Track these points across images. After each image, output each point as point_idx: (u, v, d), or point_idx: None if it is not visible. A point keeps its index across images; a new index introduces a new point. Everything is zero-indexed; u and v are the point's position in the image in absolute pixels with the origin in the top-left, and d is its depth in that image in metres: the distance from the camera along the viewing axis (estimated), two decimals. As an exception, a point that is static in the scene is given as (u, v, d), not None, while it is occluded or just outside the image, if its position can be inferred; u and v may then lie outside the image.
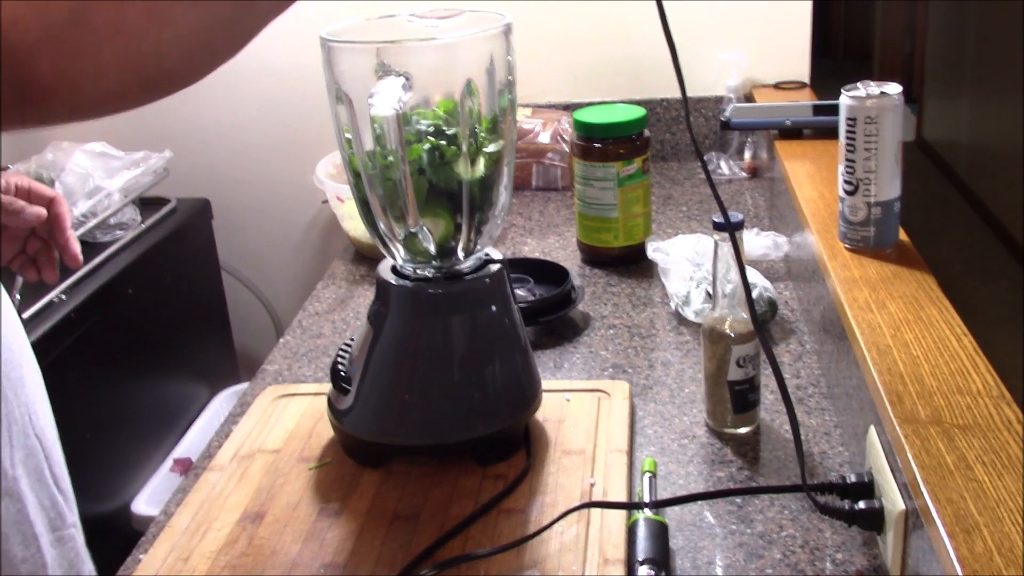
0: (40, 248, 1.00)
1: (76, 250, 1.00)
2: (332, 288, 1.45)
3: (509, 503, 0.90)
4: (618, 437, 0.98)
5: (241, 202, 2.05)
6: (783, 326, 1.22)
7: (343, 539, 0.87)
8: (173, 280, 1.84)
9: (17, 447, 0.88)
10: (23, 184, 0.97)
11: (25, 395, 0.91)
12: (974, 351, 0.84)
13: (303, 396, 1.10)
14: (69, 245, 1.00)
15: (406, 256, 0.94)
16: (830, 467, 0.94)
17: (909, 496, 0.72)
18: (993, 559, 0.60)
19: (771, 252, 1.36)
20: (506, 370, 0.95)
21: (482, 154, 0.90)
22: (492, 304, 0.94)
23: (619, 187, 1.38)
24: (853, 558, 0.82)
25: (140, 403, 1.71)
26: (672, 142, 1.89)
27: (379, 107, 0.79)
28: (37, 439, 0.91)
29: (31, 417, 0.92)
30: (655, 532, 0.83)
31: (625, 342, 1.21)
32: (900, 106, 1.00)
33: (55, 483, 0.93)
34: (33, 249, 1.00)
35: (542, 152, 1.77)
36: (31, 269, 1.00)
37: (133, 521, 1.60)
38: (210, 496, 0.94)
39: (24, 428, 0.90)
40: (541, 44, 1.87)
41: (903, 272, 1.00)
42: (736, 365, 0.97)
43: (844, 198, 1.04)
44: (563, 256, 1.48)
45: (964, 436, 0.73)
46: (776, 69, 1.85)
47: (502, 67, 0.89)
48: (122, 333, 1.65)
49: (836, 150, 1.05)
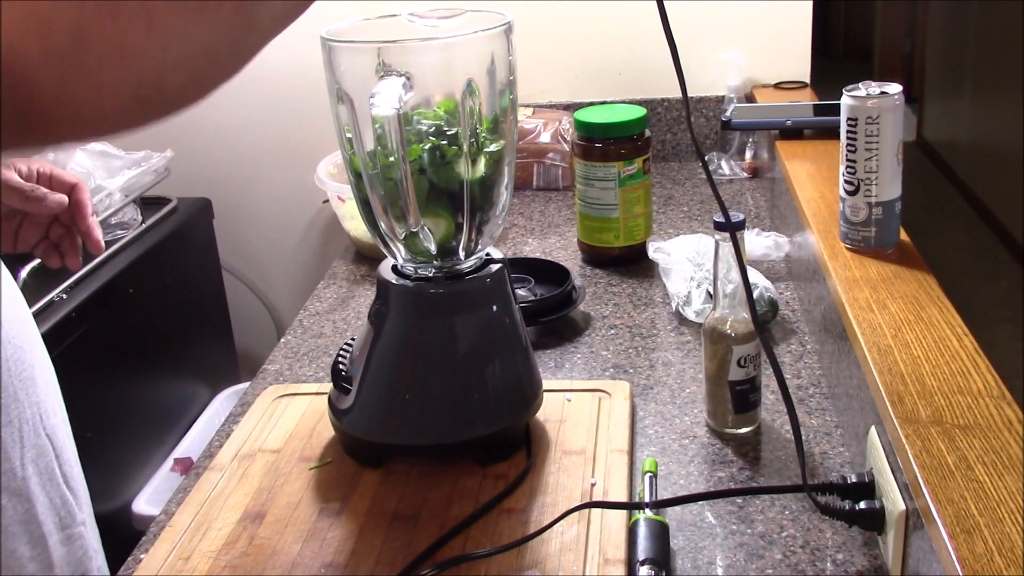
0: (63, 234, 1.00)
1: (98, 236, 1.00)
2: (333, 288, 1.45)
3: (509, 503, 0.90)
4: (619, 437, 0.98)
5: (242, 202, 2.05)
6: (784, 326, 1.22)
7: (343, 539, 0.87)
8: (174, 280, 1.84)
9: (28, 447, 0.88)
10: (45, 170, 0.97)
11: (36, 394, 0.91)
12: (975, 351, 0.84)
13: (304, 396, 1.10)
14: (92, 232, 1.00)
15: (407, 256, 0.94)
16: (831, 467, 0.94)
17: (910, 496, 0.72)
18: (994, 559, 0.60)
19: (772, 252, 1.36)
20: (507, 370, 0.95)
21: (483, 154, 0.90)
22: (493, 304, 0.94)
23: (620, 187, 1.38)
24: (854, 558, 0.82)
25: (141, 402, 1.71)
26: (673, 142, 1.89)
27: (380, 107, 0.79)
28: (48, 438, 0.92)
29: (42, 416, 0.92)
30: (656, 532, 0.82)
31: (626, 342, 1.21)
32: (900, 106, 1.00)
33: (65, 481, 0.93)
34: (56, 235, 1.00)
35: (543, 152, 1.77)
36: (54, 255, 1.01)
37: (134, 521, 1.60)
38: (211, 496, 0.94)
39: (35, 427, 0.90)
40: (542, 44, 1.87)
41: (904, 272, 1.00)
42: (737, 365, 0.97)
43: (845, 198, 1.04)
44: (564, 256, 1.48)
45: (965, 436, 0.73)
46: (776, 69, 1.85)
47: (503, 67, 0.89)
48: (123, 333, 1.65)
49: (837, 150, 1.05)
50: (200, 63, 0.55)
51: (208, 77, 0.57)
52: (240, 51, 0.58)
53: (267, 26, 0.58)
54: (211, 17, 0.54)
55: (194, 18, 0.53)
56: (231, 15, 0.55)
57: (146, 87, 0.53)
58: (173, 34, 0.52)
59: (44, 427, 0.92)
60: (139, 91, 0.53)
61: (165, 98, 0.56)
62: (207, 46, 0.55)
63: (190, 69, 0.55)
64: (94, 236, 1.00)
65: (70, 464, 0.96)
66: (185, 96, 0.57)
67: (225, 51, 0.57)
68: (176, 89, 0.56)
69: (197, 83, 0.56)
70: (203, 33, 0.54)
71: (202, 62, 0.55)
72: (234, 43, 0.57)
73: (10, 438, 0.86)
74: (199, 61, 0.55)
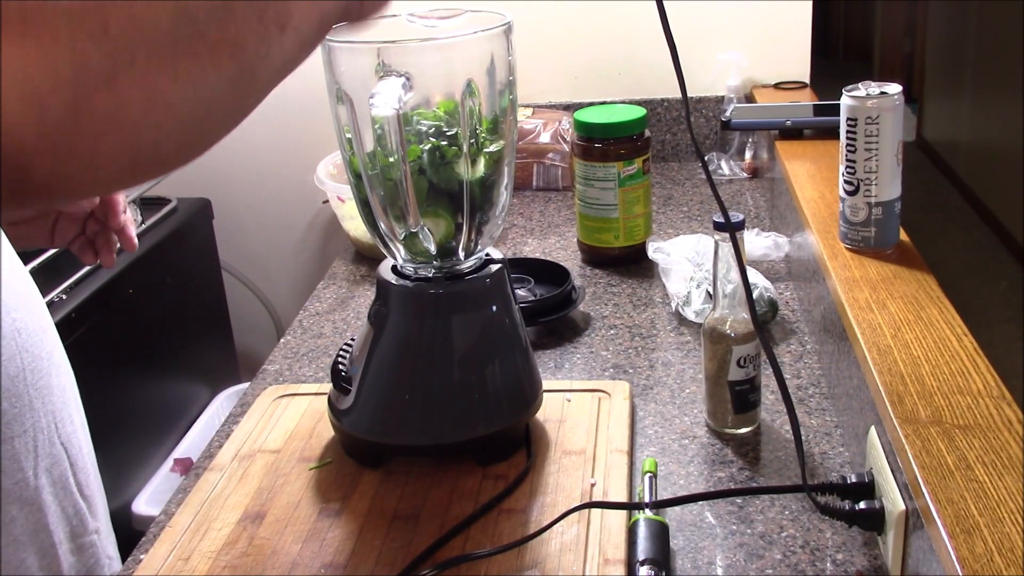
0: (98, 231, 1.00)
1: (131, 233, 1.00)
2: (333, 288, 1.45)
3: (509, 503, 0.90)
4: (619, 437, 0.98)
5: (242, 202, 2.05)
6: (784, 326, 1.22)
7: (343, 539, 0.87)
8: (173, 280, 1.84)
9: (42, 456, 0.88)
10: None
11: (52, 403, 0.91)
12: (974, 351, 0.84)
13: (303, 396, 1.10)
14: (125, 229, 0.99)
15: (407, 256, 0.94)
16: (831, 467, 0.94)
17: (910, 496, 0.72)
18: (993, 559, 0.60)
19: (772, 252, 1.36)
20: (506, 370, 0.95)
21: (483, 154, 0.90)
22: (493, 304, 0.94)
23: (620, 187, 1.38)
24: (853, 558, 0.82)
25: (141, 403, 1.71)
26: (673, 142, 1.89)
27: (380, 107, 0.79)
28: (63, 446, 0.91)
29: (57, 424, 0.92)
30: (656, 532, 0.82)
31: (626, 342, 1.21)
32: (900, 106, 1.00)
33: (79, 490, 0.93)
34: (92, 231, 1.00)
35: (543, 152, 1.77)
36: (89, 251, 1.00)
37: (134, 521, 1.60)
38: (210, 496, 0.94)
39: (50, 436, 0.90)
40: (542, 44, 1.87)
41: (903, 272, 1.00)
42: (737, 365, 0.97)
43: (845, 198, 1.04)
44: (564, 256, 1.48)
45: (964, 436, 0.73)
46: (776, 69, 1.85)
47: (503, 67, 0.89)
48: (122, 333, 1.65)
49: (836, 150, 1.05)
50: (198, 127, 0.54)
51: (206, 137, 0.56)
52: (238, 109, 0.57)
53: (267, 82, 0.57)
54: (211, 82, 0.53)
55: (193, 84, 0.52)
56: (232, 78, 0.54)
57: (142, 155, 0.52)
58: (171, 103, 0.51)
59: (59, 435, 0.92)
60: (135, 159, 0.52)
61: (162, 162, 0.55)
62: (206, 110, 0.54)
63: (187, 133, 0.54)
64: (127, 233, 1.00)
65: (85, 472, 0.95)
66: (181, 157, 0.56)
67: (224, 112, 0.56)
68: (172, 153, 0.55)
69: (195, 144, 0.55)
70: (202, 97, 0.53)
71: (200, 125, 0.54)
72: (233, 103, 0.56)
73: (24, 447, 0.86)
74: (197, 125, 0.54)
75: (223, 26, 0.52)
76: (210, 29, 0.52)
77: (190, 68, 0.51)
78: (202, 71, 0.52)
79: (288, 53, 0.58)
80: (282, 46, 0.56)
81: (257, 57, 0.55)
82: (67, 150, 0.49)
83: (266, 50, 0.55)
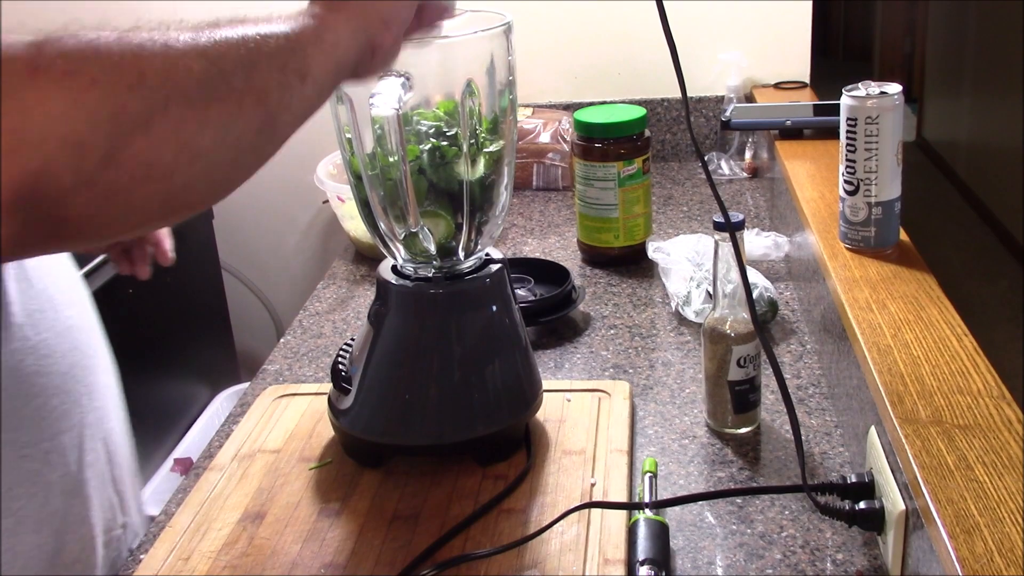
0: (135, 242, 1.01)
1: (166, 248, 1.02)
2: (332, 288, 1.45)
3: (509, 503, 0.90)
4: (618, 437, 0.98)
5: (242, 202, 2.04)
6: (783, 326, 1.22)
7: (343, 539, 0.87)
8: (174, 280, 1.83)
9: (87, 450, 0.89)
10: None
11: (98, 399, 0.92)
12: (974, 351, 0.84)
13: (303, 396, 1.10)
14: (161, 242, 1.01)
15: (406, 256, 0.94)
16: (831, 467, 0.94)
17: (910, 496, 0.72)
18: (993, 559, 0.60)
19: (772, 252, 1.37)
20: (506, 370, 0.95)
21: (482, 154, 0.90)
22: (492, 304, 0.94)
23: (620, 187, 1.38)
24: (853, 558, 0.82)
25: (140, 403, 1.70)
26: (672, 142, 1.89)
27: (379, 107, 0.79)
28: (103, 441, 0.92)
29: (101, 421, 0.93)
30: (655, 532, 0.82)
31: (626, 342, 1.21)
32: (900, 106, 1.00)
33: (114, 485, 0.94)
34: (129, 242, 1.01)
35: (543, 152, 1.77)
36: (124, 261, 1.02)
37: (133, 521, 1.60)
38: (210, 496, 0.94)
39: (93, 432, 0.90)
40: (541, 44, 1.87)
41: (903, 272, 1.00)
42: (737, 365, 0.97)
43: (845, 198, 1.04)
44: (564, 256, 1.48)
45: (964, 436, 0.73)
46: (776, 69, 1.85)
47: (502, 67, 0.89)
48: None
49: (836, 150, 1.05)
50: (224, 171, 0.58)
51: (231, 181, 0.59)
52: (261, 155, 0.60)
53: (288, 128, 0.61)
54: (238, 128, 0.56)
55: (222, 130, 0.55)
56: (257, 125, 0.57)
57: (173, 198, 0.55)
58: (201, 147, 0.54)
59: (103, 430, 0.92)
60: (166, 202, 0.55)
61: (190, 205, 0.58)
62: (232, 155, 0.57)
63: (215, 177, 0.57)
64: (163, 247, 1.02)
65: (121, 468, 0.96)
66: (207, 200, 0.60)
67: (248, 156, 0.59)
68: (200, 196, 0.58)
69: (220, 188, 0.59)
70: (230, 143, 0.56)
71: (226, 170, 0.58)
72: (257, 148, 0.59)
73: (71, 443, 0.87)
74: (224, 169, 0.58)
75: (249, 76, 0.56)
76: (237, 79, 0.56)
77: (219, 115, 0.55)
78: (230, 118, 0.55)
79: (307, 101, 0.62)
80: (303, 94, 0.61)
81: (280, 105, 0.59)
82: (103, 194, 0.51)
83: (288, 98, 0.59)
